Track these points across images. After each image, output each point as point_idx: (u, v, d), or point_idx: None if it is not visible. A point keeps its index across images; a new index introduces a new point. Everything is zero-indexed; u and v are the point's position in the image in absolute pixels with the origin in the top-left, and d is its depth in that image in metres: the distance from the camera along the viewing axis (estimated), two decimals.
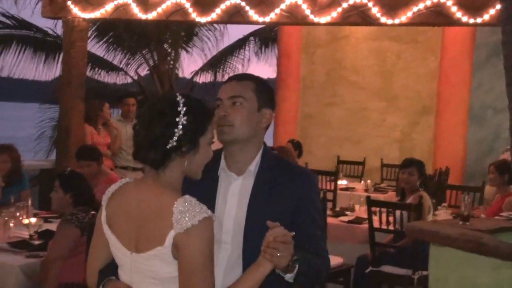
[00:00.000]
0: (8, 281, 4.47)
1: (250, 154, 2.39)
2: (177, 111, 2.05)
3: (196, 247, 1.98)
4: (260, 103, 2.39)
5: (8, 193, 5.97)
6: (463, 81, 9.77)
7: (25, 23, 13.19)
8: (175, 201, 2.00)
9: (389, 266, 5.89)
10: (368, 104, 11.12)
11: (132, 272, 2.12)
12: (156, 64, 13.52)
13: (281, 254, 2.01)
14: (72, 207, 4.41)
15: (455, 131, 9.78)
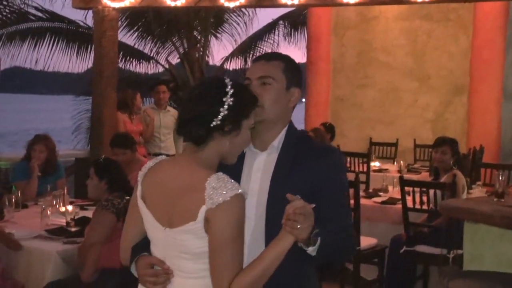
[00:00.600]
0: (46, 267, 4.52)
1: (276, 131, 2.39)
2: (224, 91, 2.12)
3: (226, 222, 2.03)
4: (288, 83, 2.38)
5: (45, 183, 6.06)
6: (496, 58, 9.63)
7: (57, 15, 13.29)
8: (208, 177, 2.04)
9: (424, 246, 5.86)
10: (400, 84, 11.03)
11: (166, 247, 2.17)
12: (186, 51, 13.52)
13: (301, 226, 2.01)
14: (107, 193, 4.46)
15: (489, 109, 9.66)
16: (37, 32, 13.07)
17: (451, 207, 4.46)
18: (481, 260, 4.00)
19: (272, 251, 2.07)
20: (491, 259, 3.95)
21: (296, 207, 2.03)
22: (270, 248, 2.09)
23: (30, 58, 13.25)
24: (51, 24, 13.20)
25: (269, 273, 2.07)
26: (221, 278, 2.04)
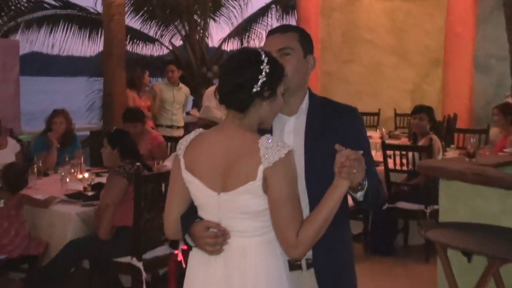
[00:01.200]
0: (67, 227, 4.60)
1: (300, 97, 2.38)
2: (261, 60, 2.10)
3: (285, 178, 2.01)
4: (305, 51, 2.37)
5: (63, 153, 6.09)
6: (468, 34, 9.65)
7: (69, 3, 13.28)
8: (259, 139, 2.04)
9: (404, 203, 5.94)
10: (382, 60, 11.09)
11: (220, 211, 2.11)
12: (188, 34, 13.50)
13: (357, 170, 2.00)
14: (119, 160, 4.49)
15: (462, 80, 9.71)
16: (52, 19, 13.06)
17: (428, 167, 4.50)
18: (454, 213, 4.05)
19: (330, 199, 2.04)
20: (463, 211, 4.00)
21: (349, 155, 2.01)
22: (327, 197, 2.05)
23: (46, 43, 13.24)
24: (64, 12, 13.19)
25: (329, 220, 2.05)
26: (288, 232, 2.01)
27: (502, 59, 10.16)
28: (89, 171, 5.69)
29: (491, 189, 3.85)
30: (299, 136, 2.31)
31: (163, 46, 14.37)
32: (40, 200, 4.69)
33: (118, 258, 4.33)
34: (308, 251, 2.10)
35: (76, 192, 5.07)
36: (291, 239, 2.01)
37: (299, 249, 2.03)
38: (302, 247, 2.02)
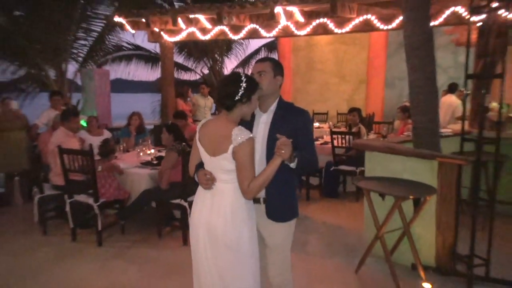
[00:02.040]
0: (141, 182, 4.62)
1: (272, 101, 2.41)
2: (241, 79, 2.18)
3: (244, 153, 2.11)
4: (275, 73, 2.38)
5: (138, 138, 6.06)
6: (381, 64, 9.65)
7: (139, 46, 13.17)
8: (233, 128, 2.13)
9: (343, 166, 5.94)
10: (329, 80, 11.00)
11: (211, 166, 2.25)
12: (212, 65, 13.44)
13: (284, 151, 2.10)
14: (173, 141, 4.50)
15: (377, 93, 9.72)
16: (128, 57, 12.91)
17: (359, 144, 4.51)
18: (374, 171, 4.07)
19: (270, 166, 2.16)
20: (379, 170, 4.02)
21: (281, 141, 2.11)
22: (268, 165, 2.17)
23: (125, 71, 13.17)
24: (136, 52, 13.06)
25: (269, 178, 2.15)
26: (243, 183, 2.13)
27: (402, 80, 10.20)
28: (153, 149, 5.69)
29: (396, 156, 3.87)
30: (267, 125, 2.37)
31: (196, 73, 14.27)
32: (120, 168, 4.69)
33: (172, 200, 4.34)
34: (255, 195, 2.18)
35: (146, 161, 5.06)
36: (244, 188, 2.13)
37: (248, 194, 2.15)
38: (251, 193, 2.14)
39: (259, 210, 2.36)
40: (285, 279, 2.43)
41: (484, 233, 3.63)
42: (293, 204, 2.46)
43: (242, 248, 2.20)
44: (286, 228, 2.41)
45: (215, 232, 2.20)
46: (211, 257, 2.24)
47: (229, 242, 2.18)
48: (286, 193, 2.40)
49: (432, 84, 3.77)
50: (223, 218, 2.19)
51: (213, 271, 2.24)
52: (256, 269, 2.27)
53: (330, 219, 5.09)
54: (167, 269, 3.80)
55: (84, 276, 3.69)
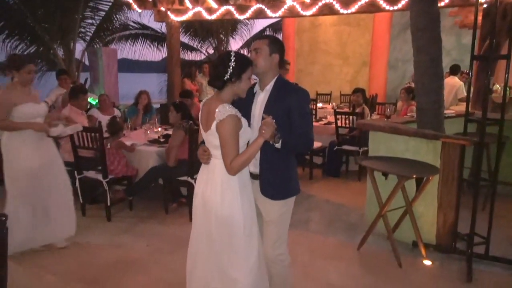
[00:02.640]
0: (149, 159, 4.61)
1: (269, 79, 2.32)
2: (229, 59, 2.14)
3: (225, 129, 2.10)
4: (271, 51, 2.28)
5: (145, 117, 6.04)
6: (385, 46, 9.45)
7: (145, 26, 12.96)
8: (218, 106, 2.12)
9: (347, 146, 5.91)
10: (332, 62, 10.88)
11: (206, 142, 2.27)
12: (217, 46, 13.27)
13: (265, 131, 2.08)
14: (180, 120, 4.46)
15: (380, 74, 9.55)
16: (135, 36, 12.75)
17: (363, 124, 4.46)
18: (377, 151, 4.04)
19: (253, 145, 2.14)
20: (383, 150, 3.99)
21: (264, 121, 2.10)
22: (252, 144, 2.15)
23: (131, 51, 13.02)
24: (142, 31, 12.88)
25: (252, 157, 2.13)
26: (226, 160, 2.12)
27: (405, 62, 10.13)
28: (160, 127, 5.65)
29: (399, 136, 3.82)
30: (263, 103, 2.30)
31: (201, 53, 14.13)
32: (128, 146, 4.65)
33: (179, 177, 4.33)
34: (238, 172, 2.14)
35: (153, 139, 5.04)
36: (227, 164, 2.12)
37: (231, 170, 2.13)
38: (232, 170, 2.12)
39: (256, 186, 2.33)
40: (279, 253, 2.39)
41: (484, 213, 3.61)
42: (289, 183, 2.37)
43: (235, 224, 2.19)
44: (282, 205, 2.35)
45: (209, 206, 2.22)
46: (206, 230, 2.26)
47: (221, 217, 2.18)
48: (280, 171, 2.33)
49: (437, 65, 3.68)
50: (215, 193, 2.20)
51: (208, 246, 2.26)
52: (252, 245, 2.24)
53: (332, 198, 5.07)
54: (174, 244, 3.81)
55: (94, 250, 3.71)
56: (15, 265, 3.28)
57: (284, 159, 2.32)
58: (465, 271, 3.25)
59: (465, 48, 9.30)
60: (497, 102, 5.40)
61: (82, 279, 3.20)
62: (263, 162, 2.27)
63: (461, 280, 3.19)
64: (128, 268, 3.37)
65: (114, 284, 3.14)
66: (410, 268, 3.38)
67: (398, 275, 3.27)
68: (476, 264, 3.32)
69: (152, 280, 3.19)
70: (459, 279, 3.21)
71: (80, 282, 3.16)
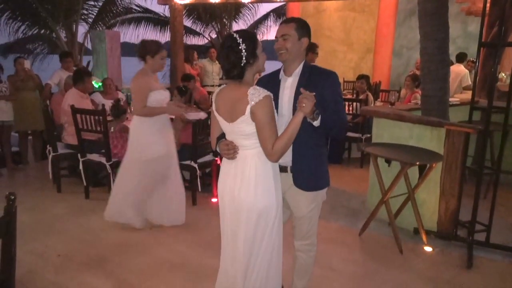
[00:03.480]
0: None
1: (297, 64, 2.22)
2: (237, 43, 1.98)
3: (263, 112, 1.95)
4: (299, 35, 2.18)
5: None
6: (390, 33, 9.33)
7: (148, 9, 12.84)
8: (249, 89, 1.96)
9: (350, 132, 5.90)
10: (336, 48, 10.77)
11: (231, 134, 2.10)
12: (220, 30, 13.17)
13: (305, 105, 1.94)
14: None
15: (384, 61, 9.45)
16: (137, 19, 12.65)
17: (367, 111, 4.45)
18: (381, 137, 4.04)
19: (292, 123, 1.98)
20: (387, 136, 3.99)
21: (303, 94, 1.97)
22: (290, 122, 1.99)
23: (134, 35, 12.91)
24: (145, 15, 12.76)
25: (293, 136, 1.98)
26: (266, 145, 1.96)
27: (409, 49, 10.03)
28: None
29: (404, 123, 3.82)
30: (293, 89, 2.20)
31: (204, 37, 14.00)
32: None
33: (182, 161, 4.31)
34: (281, 157, 2.00)
35: None
36: (268, 150, 1.97)
37: (273, 156, 1.98)
38: (275, 155, 1.97)
39: (287, 179, 2.24)
40: (307, 243, 2.38)
41: (486, 201, 3.63)
42: (323, 173, 2.30)
43: (269, 218, 2.07)
44: (312, 199, 2.28)
45: (239, 202, 2.07)
46: (233, 229, 2.14)
47: (254, 211, 2.05)
48: (314, 160, 2.24)
49: (443, 52, 3.65)
50: (247, 186, 2.05)
51: (237, 243, 2.14)
52: (274, 235, 2.13)
53: (335, 184, 5.05)
54: (176, 227, 3.84)
55: (97, 232, 3.74)
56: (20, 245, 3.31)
57: (315, 147, 2.24)
58: (465, 257, 3.28)
59: (471, 36, 9.21)
60: (502, 91, 5.38)
61: (86, 259, 3.24)
62: (295, 152, 2.18)
63: (461, 266, 3.22)
64: (131, 249, 3.41)
65: (118, 264, 3.17)
66: (411, 254, 3.41)
67: (399, 260, 3.30)
68: (476, 251, 3.35)
69: (155, 261, 3.23)
70: (459, 265, 3.24)
71: (85, 261, 3.20)
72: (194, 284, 2.91)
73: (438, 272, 3.15)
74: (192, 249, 3.42)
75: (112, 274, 3.03)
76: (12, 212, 1.55)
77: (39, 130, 5.84)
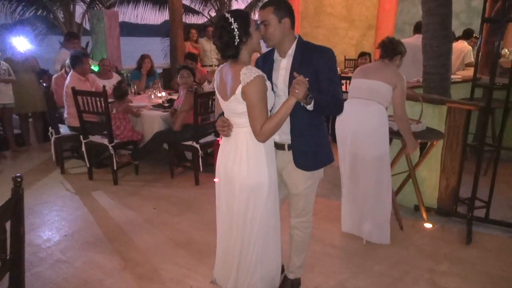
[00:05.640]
0: (154, 124, 4.61)
1: (288, 45, 2.18)
2: (229, 22, 1.98)
3: (253, 92, 1.97)
4: (279, 18, 2.12)
5: (149, 81, 6.00)
6: (392, 8, 9.22)
7: None
8: (241, 69, 1.99)
9: None
10: (338, 25, 10.64)
11: (226, 111, 2.15)
12: (219, 8, 12.97)
13: (298, 90, 1.96)
14: (192, 83, 4.42)
15: None
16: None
17: None
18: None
19: (283, 106, 2.01)
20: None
21: (296, 80, 1.98)
22: (282, 105, 2.02)
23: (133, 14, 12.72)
24: None
25: (284, 120, 2.02)
26: (256, 125, 2.00)
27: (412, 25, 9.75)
28: (164, 91, 5.63)
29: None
30: (288, 70, 2.18)
31: (204, 16, 13.82)
32: (134, 111, 4.63)
33: (185, 142, 4.36)
34: (268, 138, 2.05)
35: (157, 104, 5.02)
36: (257, 130, 2.00)
37: (261, 136, 2.02)
38: (263, 135, 2.01)
39: (284, 157, 2.26)
40: (303, 221, 2.40)
41: (486, 178, 3.66)
42: (322, 151, 2.28)
43: (260, 194, 2.11)
44: (309, 176, 2.28)
45: (232, 179, 2.13)
46: (228, 204, 2.20)
47: (246, 186, 2.10)
48: (313, 139, 2.23)
49: (446, 28, 3.62)
50: (239, 163, 2.10)
51: (231, 219, 2.20)
52: (270, 214, 2.18)
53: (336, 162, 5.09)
54: (180, 207, 3.90)
55: (102, 212, 3.81)
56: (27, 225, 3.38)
57: (314, 125, 2.22)
58: (465, 233, 3.34)
59: (475, 11, 9.05)
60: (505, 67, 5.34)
61: (92, 238, 3.31)
62: (294, 130, 2.17)
63: (460, 242, 3.28)
64: (136, 229, 3.47)
65: (123, 243, 3.24)
66: (411, 231, 3.46)
67: (400, 237, 3.36)
68: (476, 227, 3.40)
69: (160, 240, 3.29)
70: (459, 241, 3.29)
71: (90, 240, 3.27)
72: (198, 261, 2.98)
73: (438, 247, 3.21)
74: (196, 228, 3.48)
75: (118, 253, 3.10)
76: (19, 194, 1.59)
77: (39, 111, 5.85)
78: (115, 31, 7.09)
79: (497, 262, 3.02)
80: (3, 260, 1.54)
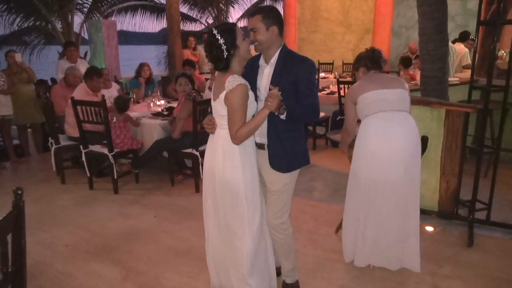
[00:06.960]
0: (153, 132, 4.63)
1: (273, 52, 2.29)
2: (216, 38, 2.13)
3: (233, 98, 2.12)
4: (267, 26, 2.22)
5: (147, 89, 6.03)
6: (388, 12, 9.26)
7: None
8: (228, 77, 2.14)
9: None
10: (335, 30, 10.69)
11: (213, 110, 2.30)
12: (217, 15, 13.05)
13: (270, 103, 2.11)
14: (191, 90, 4.44)
15: (383, 42, 9.37)
16: (134, 7, 12.54)
17: None
18: None
19: (258, 116, 2.16)
20: None
21: (270, 93, 2.12)
22: (257, 114, 2.18)
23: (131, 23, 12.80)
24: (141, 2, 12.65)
25: (257, 127, 2.17)
26: (232, 128, 2.14)
27: (408, 28, 9.94)
28: (163, 99, 5.64)
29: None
30: (269, 78, 2.29)
31: (201, 23, 13.88)
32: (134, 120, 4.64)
33: (184, 149, 4.37)
34: (242, 141, 2.18)
35: (156, 112, 5.04)
36: (232, 133, 2.15)
37: (236, 140, 2.16)
38: (237, 139, 2.15)
39: (264, 156, 2.36)
40: (282, 222, 2.44)
41: (486, 180, 3.66)
42: (297, 154, 2.36)
43: (236, 191, 2.24)
44: (287, 176, 2.37)
45: (212, 175, 2.29)
46: (212, 197, 2.35)
47: (224, 181, 2.25)
48: (288, 142, 2.32)
49: (441, 31, 3.64)
50: (217, 161, 2.26)
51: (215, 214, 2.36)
52: (254, 214, 2.29)
53: (335, 167, 5.11)
54: (181, 215, 3.89)
55: (103, 221, 3.80)
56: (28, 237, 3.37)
57: (291, 130, 2.31)
58: (466, 236, 3.33)
59: (470, 13, 9.11)
60: (502, 69, 5.36)
61: (93, 248, 3.30)
62: (270, 133, 2.28)
63: (462, 244, 3.27)
64: (137, 237, 3.47)
65: (124, 252, 3.24)
66: None
67: None
68: (477, 229, 3.39)
69: (161, 248, 3.29)
70: (460, 244, 3.29)
71: (92, 250, 3.26)
72: (200, 269, 2.97)
73: (440, 250, 3.21)
74: (197, 236, 3.47)
75: (119, 262, 3.09)
76: (20, 206, 1.59)
77: (38, 122, 5.86)
78: (113, 41, 7.13)
79: (499, 264, 3.01)
80: (4, 273, 1.54)
